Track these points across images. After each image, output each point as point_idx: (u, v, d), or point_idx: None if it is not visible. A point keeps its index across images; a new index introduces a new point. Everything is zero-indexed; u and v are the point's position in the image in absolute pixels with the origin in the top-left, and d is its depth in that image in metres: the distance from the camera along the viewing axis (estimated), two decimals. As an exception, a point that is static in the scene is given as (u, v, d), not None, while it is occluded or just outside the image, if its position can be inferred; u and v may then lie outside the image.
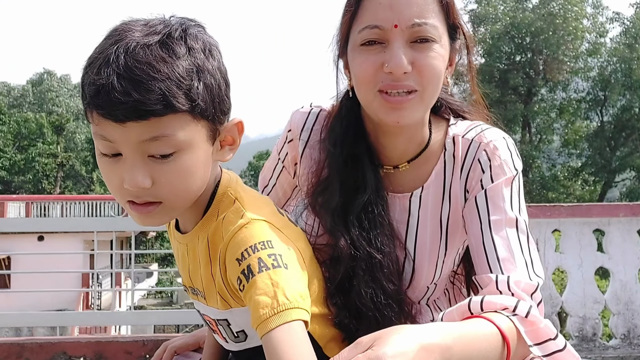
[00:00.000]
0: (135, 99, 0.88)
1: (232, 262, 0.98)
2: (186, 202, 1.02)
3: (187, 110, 0.93)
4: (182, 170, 0.96)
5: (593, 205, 4.11)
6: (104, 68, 0.89)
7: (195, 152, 0.97)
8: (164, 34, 0.94)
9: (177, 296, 29.34)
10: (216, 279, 1.04)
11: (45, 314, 5.64)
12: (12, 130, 40.68)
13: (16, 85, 51.35)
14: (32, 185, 39.46)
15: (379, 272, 1.21)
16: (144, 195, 0.96)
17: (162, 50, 0.92)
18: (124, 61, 0.89)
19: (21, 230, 10.93)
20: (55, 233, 15.20)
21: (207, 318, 1.17)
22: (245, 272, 0.95)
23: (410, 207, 1.31)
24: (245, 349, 1.14)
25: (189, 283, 1.14)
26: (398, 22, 1.16)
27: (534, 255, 1.20)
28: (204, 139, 0.98)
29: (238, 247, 0.98)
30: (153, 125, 0.91)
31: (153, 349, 3.44)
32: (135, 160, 0.94)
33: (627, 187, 29.21)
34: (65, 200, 23.22)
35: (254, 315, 0.93)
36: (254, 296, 0.93)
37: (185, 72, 0.92)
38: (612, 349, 3.77)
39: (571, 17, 26.69)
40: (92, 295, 18.40)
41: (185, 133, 0.94)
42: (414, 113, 1.20)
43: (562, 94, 29.12)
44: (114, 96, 0.88)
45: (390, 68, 1.15)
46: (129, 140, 0.92)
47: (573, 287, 3.83)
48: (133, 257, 4.53)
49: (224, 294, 1.04)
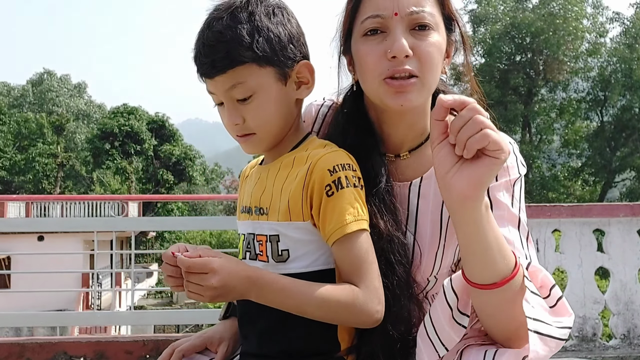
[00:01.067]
0: (213, 59, 1.20)
1: (324, 171, 1.19)
2: (273, 132, 1.28)
3: (251, 60, 1.20)
4: (261, 107, 1.24)
5: (593, 206, 4.10)
6: (198, 42, 1.24)
7: (268, 92, 1.24)
8: (232, 7, 1.23)
9: (177, 296, 29.28)
10: (294, 191, 1.23)
11: (45, 314, 5.65)
12: (12, 130, 40.70)
13: (16, 85, 51.34)
14: (32, 185, 39.45)
15: (390, 254, 1.25)
16: (241, 130, 1.26)
17: (229, 20, 1.21)
18: (206, 34, 1.22)
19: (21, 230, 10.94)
20: (55, 233, 15.22)
21: (258, 238, 1.28)
22: (335, 182, 1.19)
23: (410, 196, 1.34)
24: (284, 273, 1.23)
25: (256, 204, 1.31)
26: (398, 10, 1.22)
27: (533, 254, 1.24)
28: (273, 80, 1.24)
29: (331, 162, 1.20)
30: (230, 76, 1.21)
31: (153, 349, 3.44)
32: (228, 105, 1.25)
33: (627, 187, 29.25)
34: (65, 200, 23.26)
35: (339, 219, 1.17)
36: (342, 203, 1.18)
37: (246, 33, 1.20)
38: (612, 349, 3.78)
39: (571, 17, 26.72)
40: (92, 295, 18.42)
41: (254, 78, 1.22)
42: (416, 96, 1.24)
43: (562, 94, 29.15)
44: (202, 60, 1.22)
45: (393, 52, 1.21)
46: (219, 90, 1.24)
47: (573, 287, 3.83)
48: (133, 257, 4.54)
49: (295, 204, 1.22)
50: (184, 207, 37.61)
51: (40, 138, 40.99)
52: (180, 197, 30.58)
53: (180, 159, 39.43)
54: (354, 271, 1.18)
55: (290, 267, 1.23)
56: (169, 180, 38.54)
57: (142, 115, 39.73)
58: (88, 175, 41.84)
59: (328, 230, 1.19)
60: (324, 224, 1.19)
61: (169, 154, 39.06)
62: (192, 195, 41.08)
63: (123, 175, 38.18)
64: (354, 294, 1.16)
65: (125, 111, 39.20)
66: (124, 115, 38.70)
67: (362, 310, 1.16)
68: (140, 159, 39.09)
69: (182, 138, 41.64)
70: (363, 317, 1.16)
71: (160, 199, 34.56)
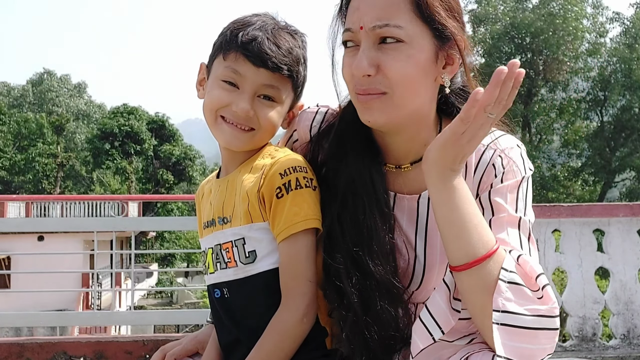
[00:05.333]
0: (274, 56, 1.29)
1: (276, 175, 1.28)
2: (269, 137, 1.39)
3: (289, 77, 1.34)
4: (273, 114, 1.35)
5: (593, 205, 4.10)
6: (258, 30, 1.31)
7: (283, 108, 1.37)
8: (281, 23, 1.38)
9: (177, 296, 29.33)
10: (250, 194, 1.31)
11: (45, 314, 5.64)
12: (12, 130, 40.66)
13: (16, 85, 51.32)
14: (32, 185, 39.42)
15: (367, 258, 1.23)
16: (245, 121, 1.32)
17: (289, 34, 1.36)
18: (271, 30, 1.32)
19: (21, 230, 10.93)
20: (55, 233, 15.20)
21: (224, 246, 1.34)
22: (286, 185, 1.27)
23: (419, 209, 1.31)
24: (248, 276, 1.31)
25: (219, 214, 1.37)
26: (363, 23, 1.17)
27: (534, 255, 1.21)
28: (289, 103, 1.39)
29: (283, 166, 1.29)
30: (273, 77, 1.32)
31: (153, 349, 3.43)
32: (247, 95, 1.31)
33: (627, 187, 29.21)
34: (65, 200, 23.27)
35: (286, 220, 1.25)
36: (290, 205, 1.26)
37: (301, 58, 1.37)
38: (612, 349, 3.77)
39: (571, 17, 26.68)
40: (92, 295, 18.39)
41: (283, 92, 1.35)
42: (384, 114, 1.20)
43: (562, 94, 29.08)
44: (261, 49, 1.29)
45: (352, 70, 1.19)
46: (253, 80, 1.31)
47: (573, 287, 3.83)
48: (133, 257, 4.54)
49: (253, 207, 1.30)
50: (184, 207, 37.57)
51: (40, 138, 40.94)
52: (180, 197, 30.56)
53: (180, 159, 39.41)
54: (288, 273, 1.26)
55: (259, 266, 1.29)
56: (169, 180, 38.51)
57: (142, 115, 39.71)
58: (88, 175, 41.84)
59: (276, 231, 1.28)
60: (273, 224, 1.28)
61: (168, 154, 39.04)
62: (192, 195, 40.85)
63: (123, 175, 38.17)
64: (282, 326, 1.23)
65: (125, 111, 39.17)
66: (124, 115, 38.68)
67: (295, 331, 1.24)
68: (140, 159, 39.07)
69: (182, 138, 41.61)
70: (299, 333, 1.24)
71: (160, 199, 34.53)
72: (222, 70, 1.33)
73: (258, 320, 1.27)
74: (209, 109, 1.35)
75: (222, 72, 1.33)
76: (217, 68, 1.35)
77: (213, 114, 1.34)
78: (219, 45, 1.36)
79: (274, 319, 1.24)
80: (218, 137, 1.37)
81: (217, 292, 1.35)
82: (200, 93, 1.43)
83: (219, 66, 1.35)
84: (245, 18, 1.36)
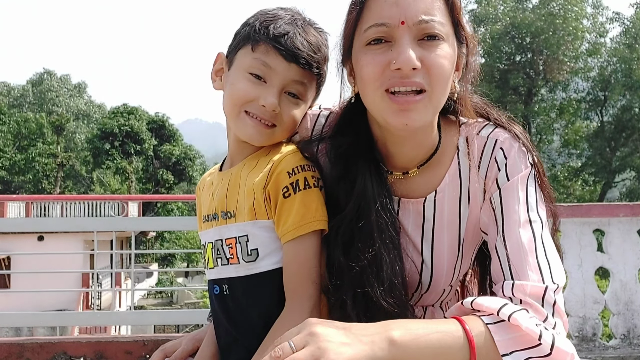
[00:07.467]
0: (305, 52, 1.27)
1: (283, 173, 1.24)
2: (288, 135, 1.35)
3: (316, 75, 1.32)
4: (297, 112, 1.32)
5: (593, 205, 4.10)
6: (290, 25, 1.28)
7: (305, 107, 1.35)
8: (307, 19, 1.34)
9: (177, 296, 29.31)
10: (256, 191, 1.27)
11: (45, 314, 5.63)
12: (12, 130, 40.64)
13: (16, 85, 51.27)
14: (32, 185, 39.42)
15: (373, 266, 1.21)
16: (270, 117, 1.28)
17: (316, 31, 1.32)
18: (301, 25, 1.29)
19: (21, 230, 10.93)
20: (55, 233, 15.22)
21: (227, 241, 1.30)
22: (293, 184, 1.23)
23: (425, 212, 1.28)
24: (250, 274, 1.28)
25: (222, 208, 1.33)
26: (405, 18, 1.12)
27: (551, 257, 1.16)
28: (309, 102, 1.36)
29: (291, 163, 1.25)
30: (303, 74, 1.29)
31: (153, 349, 3.43)
32: (275, 89, 1.27)
33: (627, 187, 29.24)
34: (65, 200, 23.23)
35: (293, 220, 1.22)
36: (297, 206, 1.22)
37: (327, 56, 1.33)
38: (612, 349, 3.77)
39: (571, 17, 26.69)
40: (92, 295, 18.39)
41: (309, 90, 1.33)
42: (422, 115, 1.15)
43: (562, 94, 29.11)
44: (294, 44, 1.25)
45: (399, 64, 1.11)
46: (283, 74, 1.27)
47: (573, 287, 3.83)
48: (133, 257, 4.54)
49: (258, 203, 1.26)
50: (184, 207, 37.58)
51: (40, 138, 40.95)
52: (180, 197, 30.50)
53: (180, 159, 39.40)
54: (293, 274, 1.23)
55: (260, 265, 1.27)
56: (168, 180, 38.50)
57: (142, 115, 39.70)
58: (88, 175, 41.85)
59: (282, 231, 1.24)
60: (279, 224, 1.24)
61: (168, 154, 39.03)
62: (192, 195, 40.82)
63: (123, 175, 38.17)
64: (287, 328, 1.14)
65: (125, 111, 39.16)
66: (124, 115, 38.67)
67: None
68: (140, 159, 39.06)
69: (182, 138, 41.61)
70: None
71: (160, 199, 34.50)
72: (250, 61, 1.28)
73: (257, 319, 1.26)
74: (233, 102, 1.29)
75: (251, 64, 1.27)
76: (243, 59, 1.29)
77: (237, 108, 1.29)
78: (246, 35, 1.29)
79: (279, 321, 1.20)
80: (239, 130, 1.30)
81: (217, 289, 1.33)
82: (216, 84, 1.37)
83: (245, 57, 1.29)
84: (272, 10, 1.32)
